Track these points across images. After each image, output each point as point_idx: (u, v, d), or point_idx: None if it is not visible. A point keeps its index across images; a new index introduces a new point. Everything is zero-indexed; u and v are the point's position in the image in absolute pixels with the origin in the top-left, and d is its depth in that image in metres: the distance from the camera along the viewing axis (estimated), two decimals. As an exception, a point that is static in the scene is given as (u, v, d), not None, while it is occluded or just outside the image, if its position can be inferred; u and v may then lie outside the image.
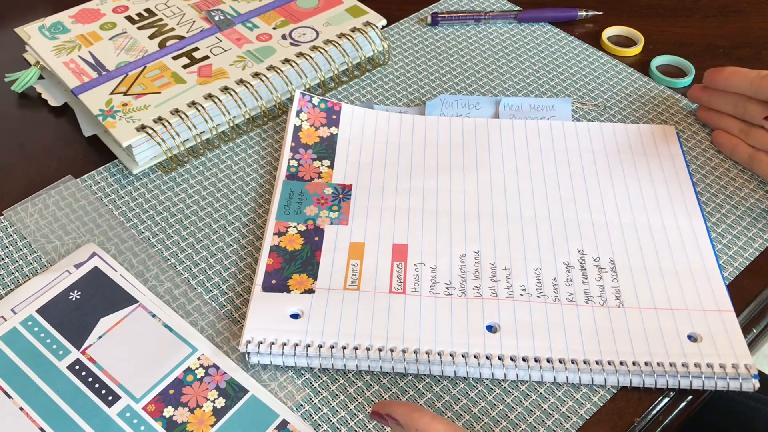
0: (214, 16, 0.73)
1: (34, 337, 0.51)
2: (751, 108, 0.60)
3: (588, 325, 0.51)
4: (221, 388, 0.49)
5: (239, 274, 0.56)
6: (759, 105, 0.59)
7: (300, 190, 0.59)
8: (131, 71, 0.67)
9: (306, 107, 0.65)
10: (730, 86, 0.61)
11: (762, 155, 0.60)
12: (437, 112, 0.67)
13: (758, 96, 0.59)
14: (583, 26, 0.78)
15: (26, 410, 0.47)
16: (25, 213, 0.60)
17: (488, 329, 0.51)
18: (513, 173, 0.61)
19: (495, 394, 0.49)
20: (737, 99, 0.61)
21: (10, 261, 0.56)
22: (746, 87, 0.60)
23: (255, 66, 0.67)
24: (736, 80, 0.61)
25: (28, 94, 0.71)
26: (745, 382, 0.48)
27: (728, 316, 0.51)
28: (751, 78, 0.59)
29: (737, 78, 0.61)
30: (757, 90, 0.59)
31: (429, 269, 0.54)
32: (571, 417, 0.48)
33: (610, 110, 0.68)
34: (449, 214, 0.58)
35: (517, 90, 0.70)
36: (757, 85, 0.59)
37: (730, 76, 0.61)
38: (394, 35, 0.77)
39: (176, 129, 0.62)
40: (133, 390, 0.48)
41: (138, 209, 0.60)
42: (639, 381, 0.48)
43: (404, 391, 0.49)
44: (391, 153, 0.63)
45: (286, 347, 0.49)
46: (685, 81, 0.71)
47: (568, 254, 0.55)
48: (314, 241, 0.56)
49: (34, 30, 0.71)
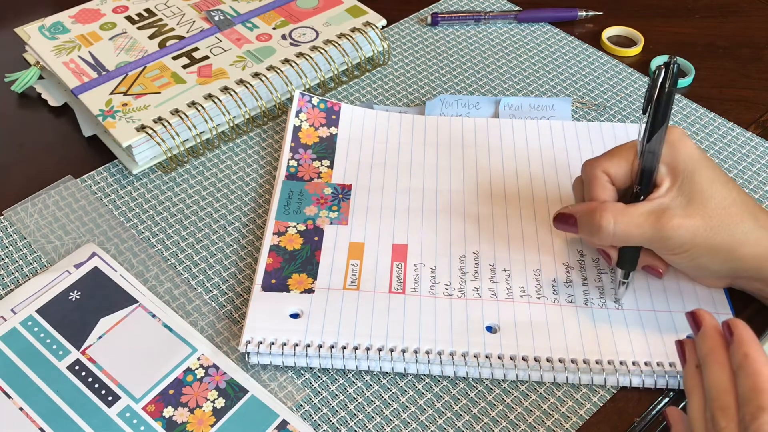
0: (214, 16, 0.73)
1: (34, 337, 0.51)
2: None
3: (588, 326, 0.51)
4: (221, 389, 0.49)
5: (239, 274, 0.56)
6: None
7: (300, 190, 0.59)
8: (131, 71, 0.67)
9: (306, 107, 0.65)
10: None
11: None
12: (437, 112, 0.67)
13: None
14: (583, 26, 0.78)
15: (26, 410, 0.47)
16: (25, 213, 0.60)
17: (488, 330, 0.51)
18: (513, 173, 0.61)
19: (495, 394, 0.49)
20: None
21: (10, 261, 0.56)
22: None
23: (255, 66, 0.67)
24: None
25: (28, 94, 0.71)
26: (744, 383, 0.48)
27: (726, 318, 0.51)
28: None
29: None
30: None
31: (429, 269, 0.54)
32: (571, 417, 0.48)
33: (610, 110, 0.68)
34: (449, 214, 0.58)
35: (517, 90, 0.70)
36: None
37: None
38: (394, 35, 0.77)
39: (176, 129, 0.62)
40: (133, 390, 0.48)
41: (138, 209, 0.60)
42: (639, 381, 0.48)
43: (404, 391, 0.49)
44: (391, 153, 0.63)
45: (286, 347, 0.49)
46: (685, 81, 0.71)
47: (568, 255, 0.55)
48: (314, 240, 0.56)
49: (34, 30, 0.71)
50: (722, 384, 0.39)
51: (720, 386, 0.39)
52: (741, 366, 0.39)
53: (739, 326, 0.41)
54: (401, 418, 0.48)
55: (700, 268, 0.50)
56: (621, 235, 0.48)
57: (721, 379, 0.40)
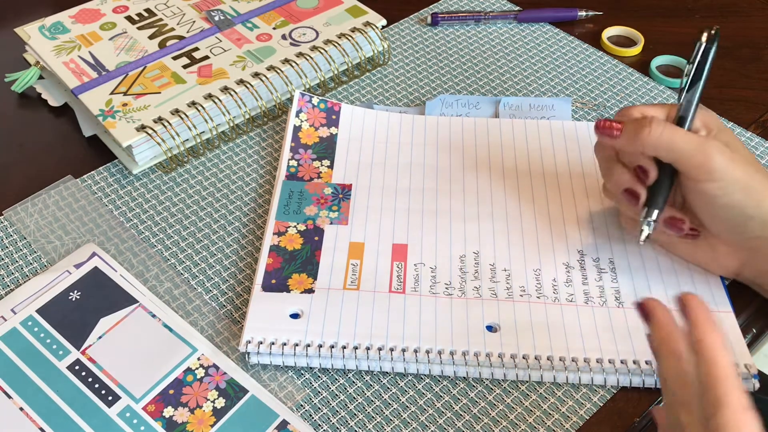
0: (214, 16, 0.73)
1: (34, 337, 0.51)
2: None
3: (588, 326, 0.51)
4: (221, 388, 0.49)
5: (239, 274, 0.56)
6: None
7: (300, 190, 0.59)
8: (131, 71, 0.67)
9: (306, 107, 0.65)
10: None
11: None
12: (437, 112, 0.67)
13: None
14: (583, 26, 0.78)
15: (26, 410, 0.47)
16: (25, 213, 0.60)
17: (488, 329, 0.51)
18: (513, 173, 0.61)
19: (495, 394, 0.49)
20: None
21: (10, 261, 0.56)
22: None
23: (255, 66, 0.67)
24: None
25: (28, 94, 0.71)
26: (745, 382, 0.48)
27: (727, 317, 0.51)
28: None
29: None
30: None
31: (429, 269, 0.54)
32: (571, 417, 0.48)
33: (610, 110, 0.68)
34: (449, 214, 0.58)
35: (517, 90, 0.70)
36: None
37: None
38: (394, 35, 0.77)
39: (176, 129, 0.62)
40: (133, 390, 0.48)
41: (138, 209, 0.60)
42: (639, 381, 0.48)
43: (404, 391, 0.49)
44: (391, 153, 0.63)
45: (286, 347, 0.49)
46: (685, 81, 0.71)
47: (568, 255, 0.55)
48: (314, 240, 0.56)
49: (34, 30, 0.71)
50: (679, 378, 0.38)
51: (677, 381, 0.38)
52: (696, 353, 0.37)
53: (692, 304, 0.39)
54: (401, 418, 0.48)
55: (725, 217, 0.48)
56: (666, 142, 0.47)
57: (677, 372, 0.38)
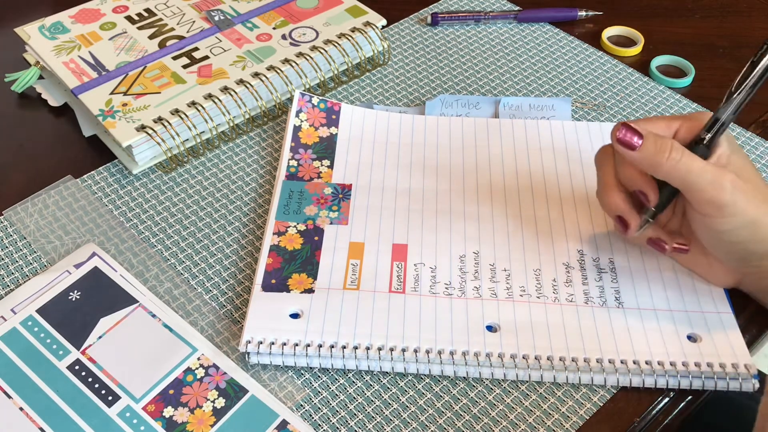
0: (214, 16, 0.73)
1: (34, 337, 0.51)
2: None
3: (588, 326, 0.51)
4: (221, 388, 0.49)
5: (239, 274, 0.56)
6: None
7: (300, 190, 0.59)
8: (131, 71, 0.67)
9: (306, 107, 0.65)
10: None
11: None
12: (437, 112, 0.67)
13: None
14: (583, 26, 0.78)
15: (26, 410, 0.47)
16: (25, 213, 0.60)
17: (488, 329, 0.51)
18: (513, 173, 0.61)
19: (495, 394, 0.49)
20: None
21: (10, 261, 0.56)
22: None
23: (255, 66, 0.67)
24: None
25: (28, 94, 0.71)
26: (744, 382, 0.48)
27: (727, 318, 0.51)
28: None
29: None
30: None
31: (429, 269, 0.54)
32: (571, 417, 0.48)
33: (610, 110, 0.68)
34: (449, 214, 0.58)
35: (517, 90, 0.70)
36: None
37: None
38: (394, 35, 0.77)
39: (176, 129, 0.62)
40: (133, 390, 0.48)
41: (138, 209, 0.60)
42: (639, 381, 0.48)
43: (404, 391, 0.49)
44: (391, 153, 0.63)
45: (286, 347, 0.49)
46: (685, 81, 0.71)
47: (568, 255, 0.55)
48: (314, 240, 0.56)
49: (34, 30, 0.71)
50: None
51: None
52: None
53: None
54: (401, 418, 0.48)
55: (727, 249, 0.50)
56: (682, 171, 0.48)
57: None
